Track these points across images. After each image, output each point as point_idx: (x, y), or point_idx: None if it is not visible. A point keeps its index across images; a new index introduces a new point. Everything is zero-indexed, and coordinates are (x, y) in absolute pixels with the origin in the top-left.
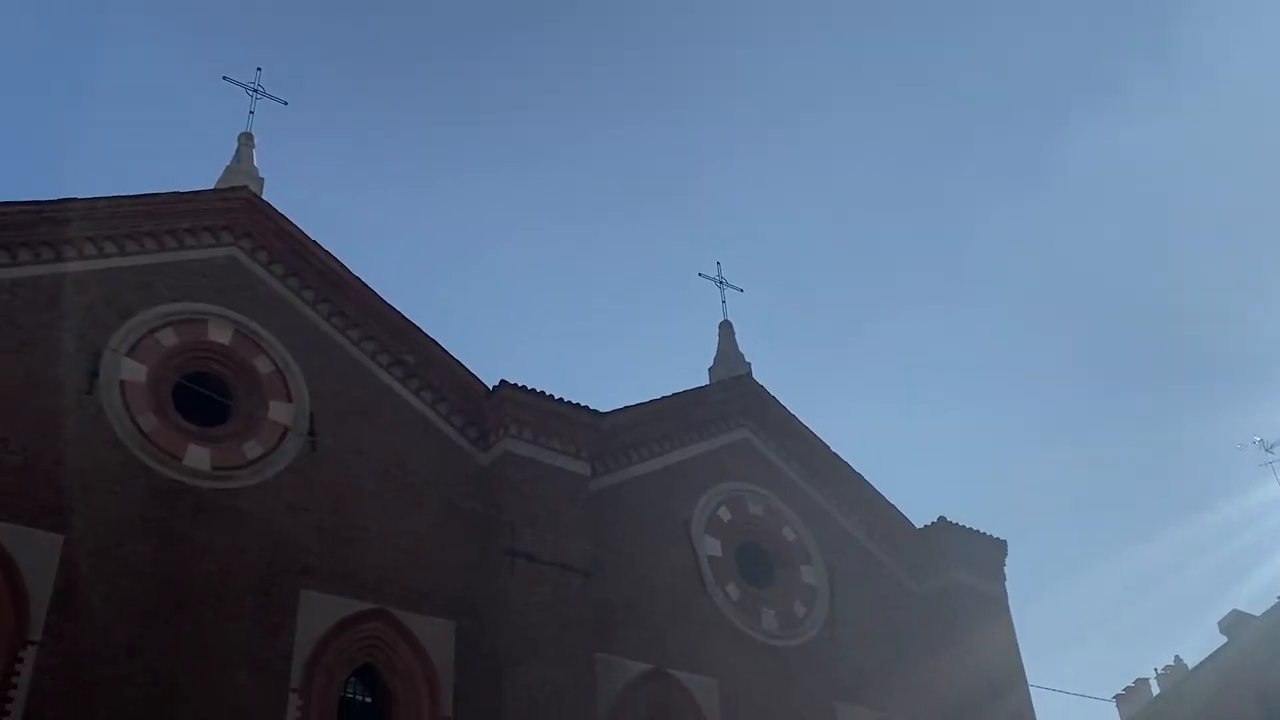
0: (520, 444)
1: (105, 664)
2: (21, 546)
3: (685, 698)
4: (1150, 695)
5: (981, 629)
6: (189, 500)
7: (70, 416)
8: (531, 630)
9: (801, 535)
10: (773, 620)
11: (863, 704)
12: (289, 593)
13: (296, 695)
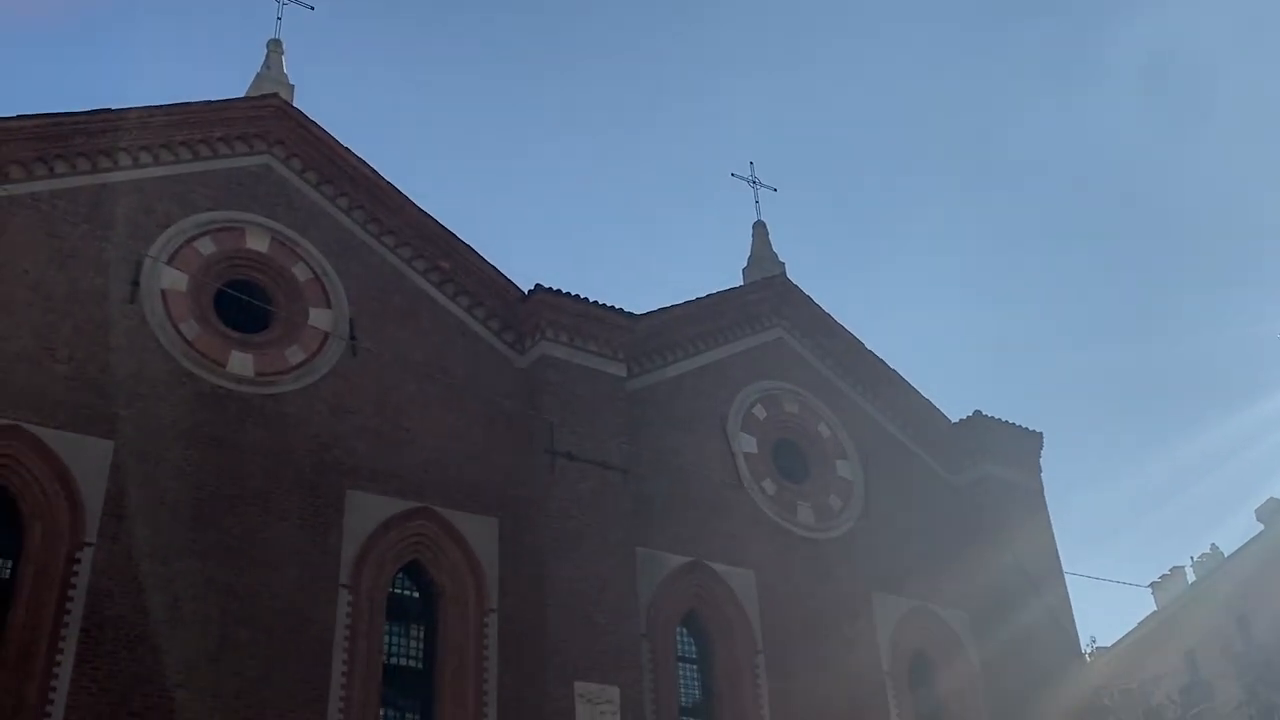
0: (557, 347)
1: (159, 564)
2: (73, 453)
3: (723, 588)
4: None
5: (1017, 520)
6: (234, 406)
7: (114, 326)
8: (573, 525)
9: (836, 431)
10: (809, 514)
11: (898, 593)
12: (336, 493)
13: (346, 591)
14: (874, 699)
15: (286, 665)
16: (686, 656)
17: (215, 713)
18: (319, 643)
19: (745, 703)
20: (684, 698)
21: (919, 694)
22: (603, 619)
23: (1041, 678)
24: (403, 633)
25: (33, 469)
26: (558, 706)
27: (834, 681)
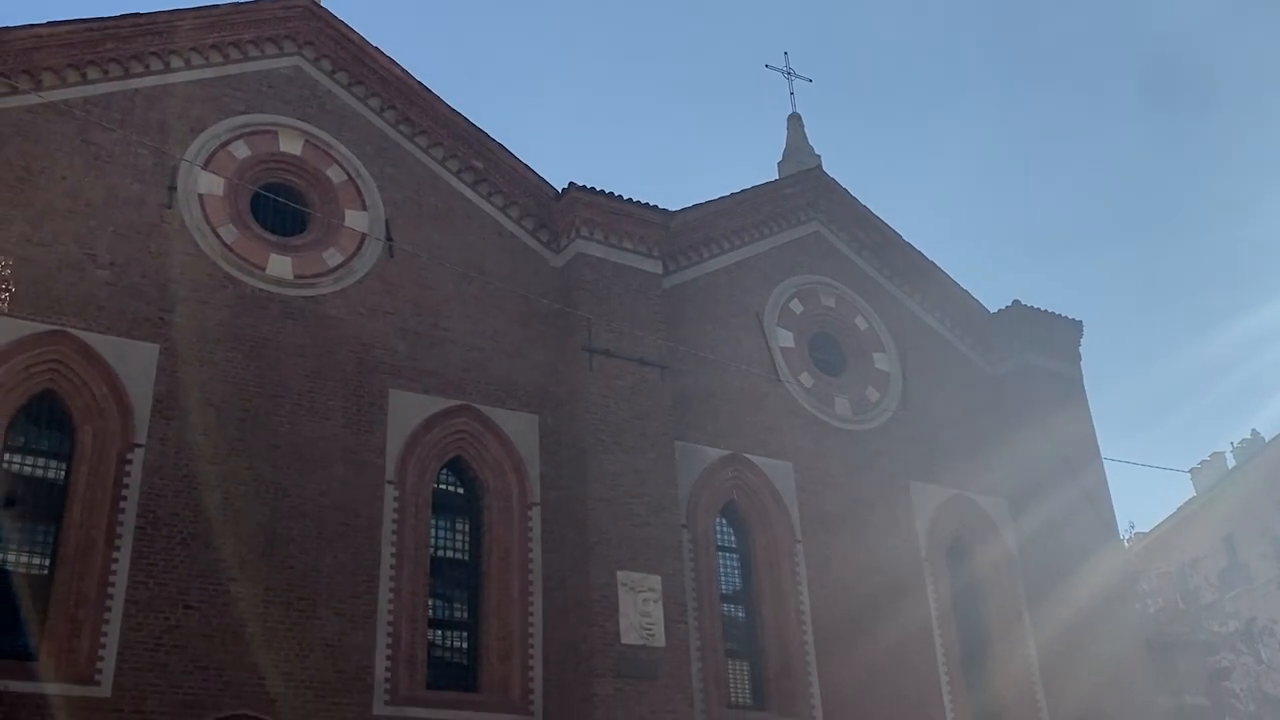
0: (592, 245)
1: (208, 464)
2: (119, 357)
3: (761, 480)
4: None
5: (1056, 409)
6: (275, 308)
7: (154, 231)
8: (612, 421)
9: (874, 324)
10: (846, 406)
11: (936, 482)
12: (378, 392)
13: (392, 487)
14: (911, 585)
15: (337, 558)
16: (726, 545)
17: (270, 604)
18: (368, 537)
19: (784, 589)
20: (724, 585)
21: (955, 579)
22: (643, 510)
23: (1078, 562)
24: (448, 527)
25: (80, 373)
26: (601, 594)
27: (871, 568)
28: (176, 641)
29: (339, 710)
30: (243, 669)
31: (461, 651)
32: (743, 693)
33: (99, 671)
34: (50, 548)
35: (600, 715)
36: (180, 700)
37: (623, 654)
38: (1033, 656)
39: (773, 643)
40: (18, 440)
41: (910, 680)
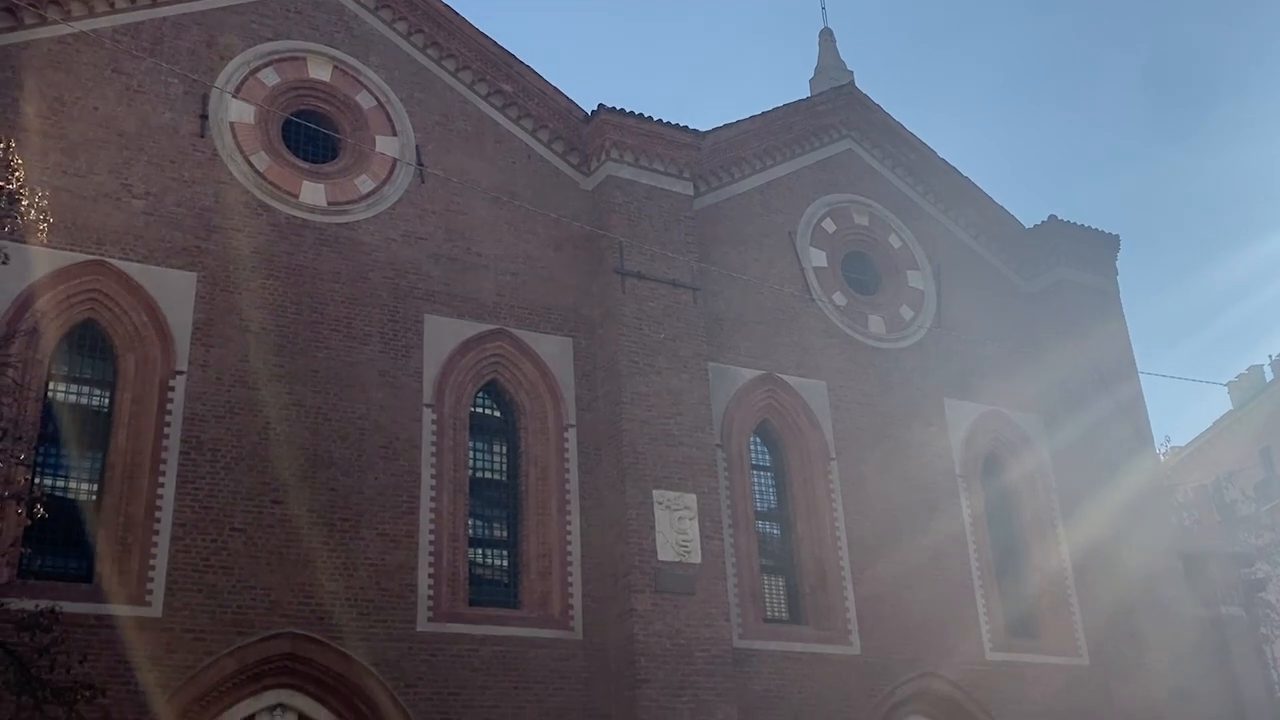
0: (622, 167)
1: (249, 389)
2: (158, 285)
3: (795, 399)
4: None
5: (1092, 324)
6: (310, 235)
7: (187, 160)
8: (645, 343)
9: (908, 241)
10: (880, 324)
11: (971, 399)
12: (414, 317)
13: (430, 410)
14: (945, 500)
15: (378, 479)
16: (760, 464)
17: (314, 526)
18: (407, 459)
19: (819, 506)
20: (759, 502)
21: (989, 493)
22: (678, 431)
23: (1113, 476)
24: (486, 449)
25: (120, 302)
26: (638, 513)
27: (905, 484)
28: (224, 563)
29: (384, 627)
30: (289, 588)
31: (502, 569)
32: (778, 607)
33: (149, 592)
34: (98, 473)
35: (638, 629)
36: (229, 619)
37: (659, 570)
38: (1066, 567)
39: (808, 558)
40: (62, 369)
41: (944, 592)
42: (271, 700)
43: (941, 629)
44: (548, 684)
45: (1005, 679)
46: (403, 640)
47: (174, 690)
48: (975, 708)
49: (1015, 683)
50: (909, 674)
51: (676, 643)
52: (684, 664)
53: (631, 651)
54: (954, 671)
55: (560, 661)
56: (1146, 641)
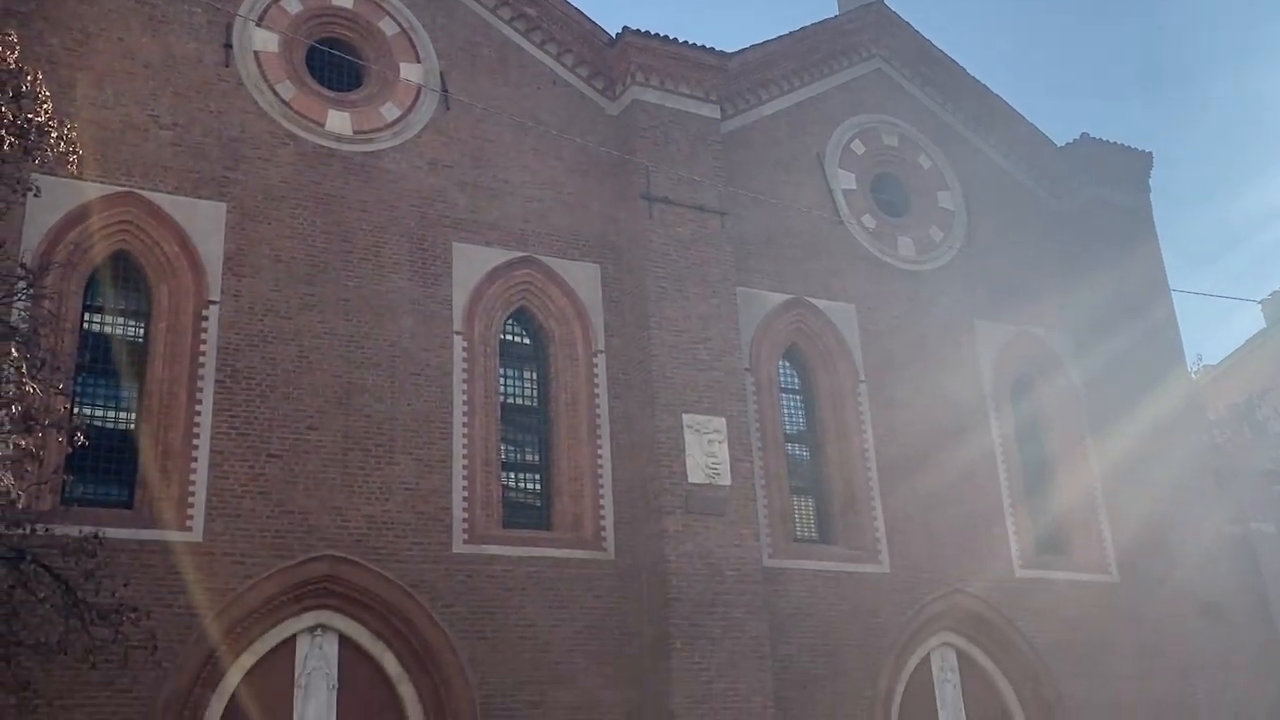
0: (648, 91)
1: (281, 318)
2: (188, 216)
3: (824, 322)
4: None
5: (1124, 242)
6: (336, 164)
7: (213, 90)
8: (673, 268)
9: (938, 162)
10: (909, 246)
11: (1002, 320)
12: (442, 245)
13: (460, 338)
14: (975, 421)
15: (411, 406)
16: (789, 388)
17: (349, 451)
18: (439, 385)
19: (848, 429)
20: (788, 425)
21: (1019, 414)
22: (706, 356)
23: (1144, 395)
24: (516, 375)
25: (152, 233)
26: (668, 436)
27: (935, 406)
28: (262, 488)
29: (420, 549)
30: (326, 513)
31: (534, 493)
32: (808, 527)
33: (190, 518)
34: (136, 403)
35: (669, 550)
36: (269, 543)
37: (690, 492)
38: (1096, 486)
39: (837, 479)
40: (96, 301)
41: (973, 511)
42: (312, 621)
43: (971, 547)
44: (581, 603)
45: (1034, 595)
46: (439, 562)
47: (217, 612)
48: (1004, 623)
49: (1044, 599)
50: (938, 591)
51: (707, 562)
52: (714, 582)
53: (663, 571)
54: (983, 588)
55: (593, 581)
56: (1175, 557)
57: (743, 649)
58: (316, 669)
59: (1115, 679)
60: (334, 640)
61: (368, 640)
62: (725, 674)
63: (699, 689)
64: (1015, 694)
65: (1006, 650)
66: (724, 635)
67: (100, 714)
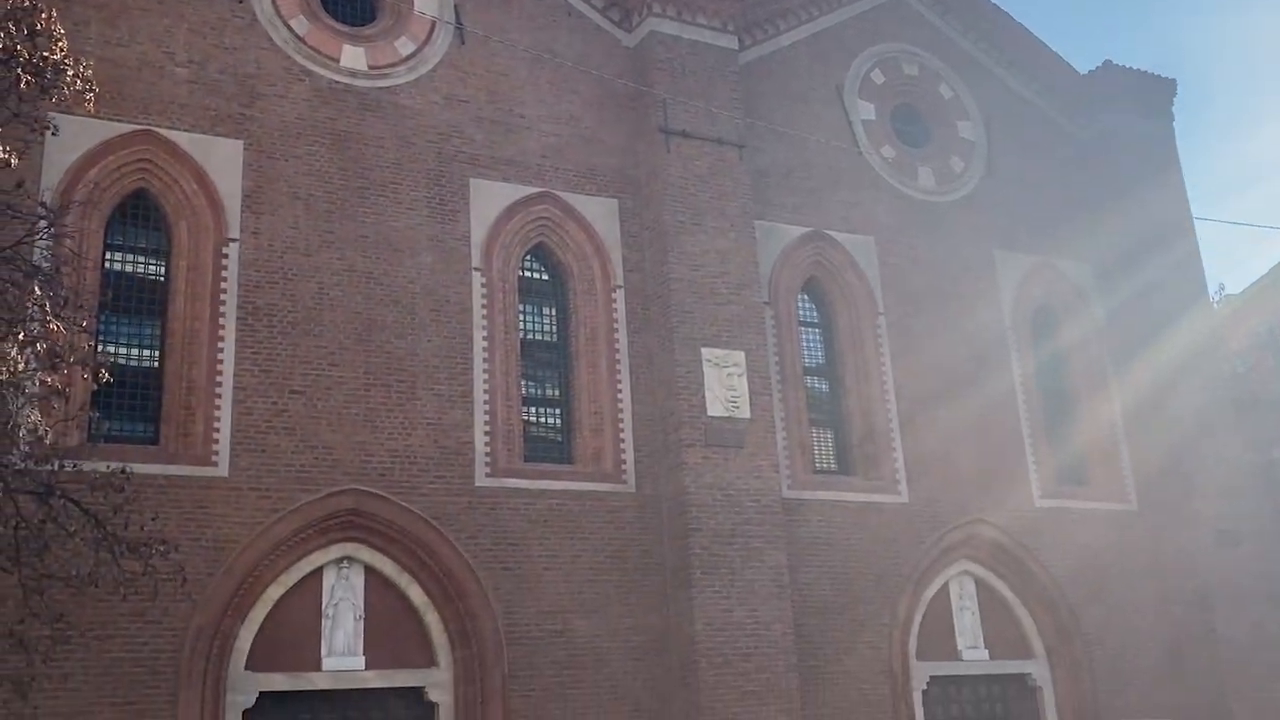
0: (664, 22)
1: (301, 255)
2: (205, 153)
3: (843, 255)
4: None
5: (1146, 171)
6: (352, 100)
7: (227, 26)
8: (692, 202)
9: (958, 91)
10: (929, 177)
11: (1022, 250)
12: (459, 181)
13: (479, 274)
14: (995, 353)
15: (431, 342)
16: (808, 321)
17: (371, 387)
18: (459, 322)
19: (867, 361)
20: (807, 359)
21: (1040, 346)
22: (725, 290)
23: (1166, 325)
24: (536, 312)
25: (170, 171)
26: (687, 370)
27: (955, 338)
28: (286, 424)
29: (444, 483)
30: (350, 447)
31: (555, 428)
32: (827, 459)
33: (215, 453)
34: (159, 341)
35: (689, 482)
36: (294, 477)
37: (709, 425)
38: (1117, 416)
39: (856, 411)
40: (116, 239)
41: (993, 442)
42: (338, 553)
43: (990, 478)
44: (603, 534)
45: (1053, 525)
46: (462, 495)
47: (244, 545)
48: (1023, 553)
49: (1063, 528)
50: (957, 521)
51: (726, 494)
52: (734, 513)
53: (683, 503)
54: (1002, 518)
55: (614, 513)
56: (1195, 486)
57: (762, 578)
58: (343, 600)
59: (1133, 606)
60: (360, 572)
61: (393, 571)
62: (745, 602)
63: (719, 616)
64: (1033, 621)
65: (1025, 578)
66: (744, 565)
67: (133, 644)
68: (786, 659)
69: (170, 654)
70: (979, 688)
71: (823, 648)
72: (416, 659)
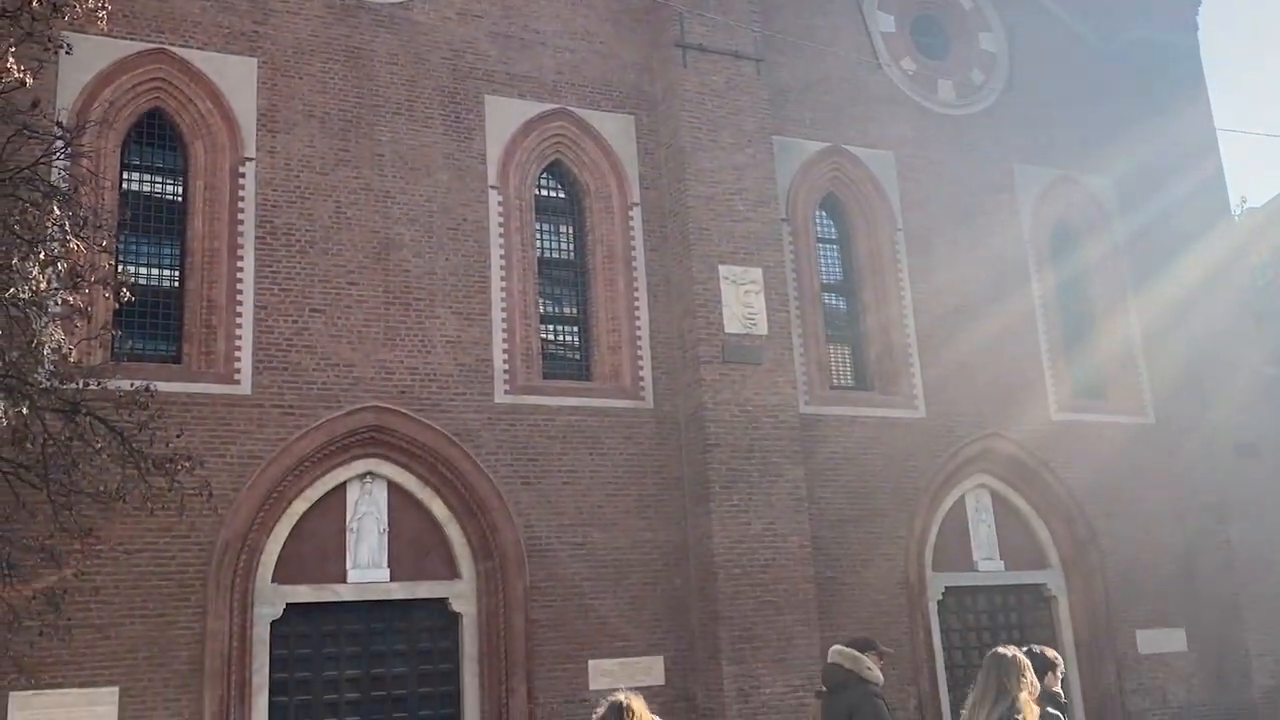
0: None
1: (317, 174)
2: (219, 71)
3: (862, 171)
4: None
5: (1170, 84)
6: (365, 16)
7: None
8: (708, 118)
9: (979, 2)
10: (949, 90)
11: (1042, 164)
12: (474, 98)
13: (495, 192)
14: (1014, 267)
15: (449, 260)
16: (826, 238)
17: (390, 306)
18: (475, 240)
19: (885, 276)
20: (825, 275)
21: (1060, 262)
22: (742, 206)
23: (1187, 243)
24: (553, 230)
25: (185, 90)
26: (704, 288)
27: (974, 254)
28: (306, 342)
29: (463, 399)
30: (370, 365)
31: (573, 345)
32: (844, 375)
33: (238, 371)
34: (178, 260)
35: (707, 398)
36: (316, 395)
37: (726, 342)
38: (1135, 332)
39: (874, 328)
40: (133, 160)
41: (1011, 358)
42: (361, 469)
43: (1008, 393)
44: (621, 450)
45: (1070, 438)
46: (481, 412)
47: (268, 461)
48: (1039, 466)
49: (1079, 442)
50: (974, 435)
51: (744, 410)
52: (751, 429)
53: (701, 419)
54: (1019, 432)
55: (632, 429)
56: (1212, 399)
57: (780, 493)
58: (367, 514)
59: (1149, 518)
60: (383, 487)
61: (415, 486)
62: (763, 516)
63: (737, 530)
64: (1049, 533)
65: (1041, 491)
66: (761, 479)
67: (161, 558)
68: (804, 570)
69: (198, 567)
70: (994, 597)
71: (840, 560)
72: (440, 571)
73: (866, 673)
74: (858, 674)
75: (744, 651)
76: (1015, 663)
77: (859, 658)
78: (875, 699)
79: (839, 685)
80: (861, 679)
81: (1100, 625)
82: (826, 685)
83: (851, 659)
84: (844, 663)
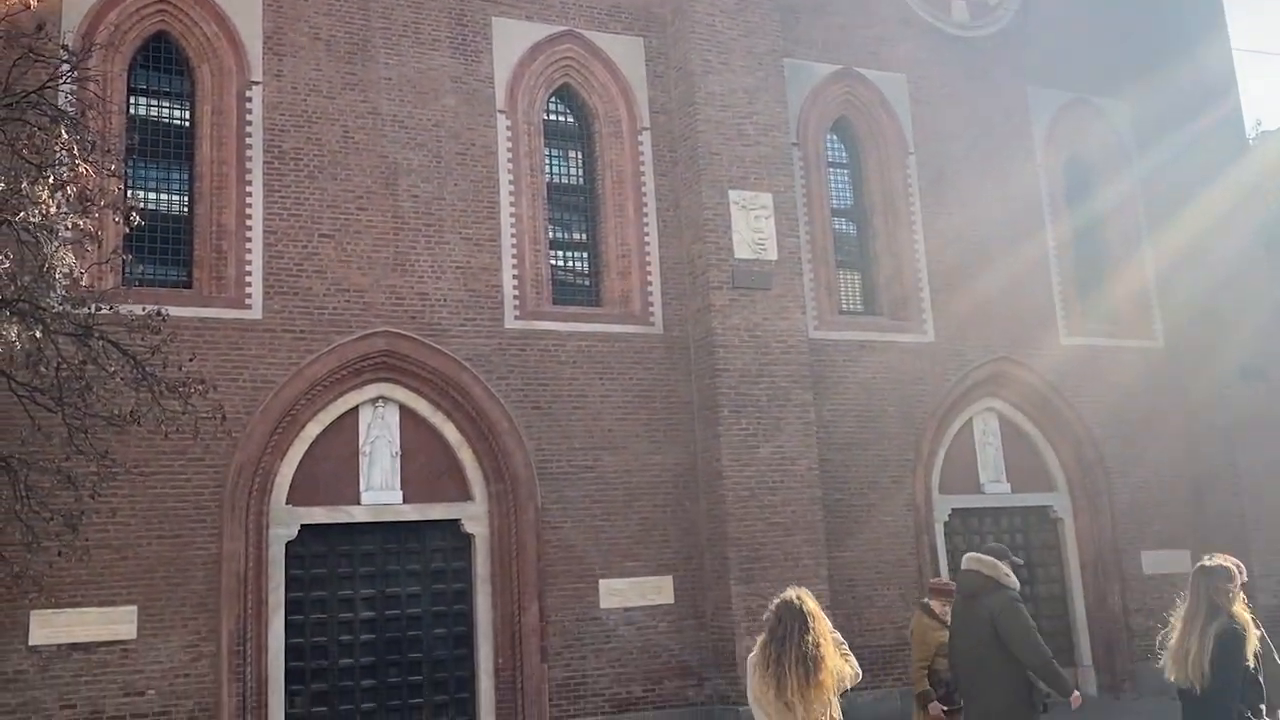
0: None
1: (325, 98)
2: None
3: (873, 93)
4: None
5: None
6: None
7: None
8: (718, 41)
9: None
10: (963, 11)
11: (1055, 87)
12: (481, 20)
13: (504, 116)
14: (1025, 191)
15: (458, 185)
16: (837, 162)
17: (399, 231)
18: (484, 165)
19: (896, 201)
20: (835, 200)
21: (1073, 187)
22: (753, 130)
23: (1203, 171)
24: (562, 156)
25: (190, 12)
26: (714, 213)
27: (985, 177)
28: (316, 267)
29: (474, 325)
30: (380, 291)
31: (582, 271)
32: (854, 300)
33: (248, 296)
34: (187, 185)
35: (716, 323)
36: (327, 320)
37: (736, 267)
38: (1148, 257)
39: (884, 252)
40: (140, 84)
41: (1021, 282)
42: (373, 393)
43: (1018, 318)
44: (631, 374)
45: (1080, 363)
46: (492, 337)
47: (281, 385)
48: (1049, 390)
49: (1089, 366)
50: (983, 359)
51: (753, 335)
52: (761, 354)
53: (710, 344)
54: (1028, 356)
55: (642, 354)
56: (1223, 324)
57: (788, 416)
58: (380, 437)
59: (1157, 441)
60: (395, 410)
61: (427, 410)
62: (771, 439)
63: (746, 453)
64: (1056, 456)
65: (1049, 415)
66: (770, 403)
67: (175, 481)
68: (811, 493)
69: (213, 490)
70: (1000, 519)
71: (848, 482)
72: (452, 493)
73: (1005, 579)
74: (996, 580)
75: (752, 571)
76: (1226, 573)
77: (997, 564)
78: (1016, 603)
79: (978, 591)
80: (1000, 584)
81: (1106, 547)
82: (962, 592)
83: (990, 565)
84: (982, 569)
